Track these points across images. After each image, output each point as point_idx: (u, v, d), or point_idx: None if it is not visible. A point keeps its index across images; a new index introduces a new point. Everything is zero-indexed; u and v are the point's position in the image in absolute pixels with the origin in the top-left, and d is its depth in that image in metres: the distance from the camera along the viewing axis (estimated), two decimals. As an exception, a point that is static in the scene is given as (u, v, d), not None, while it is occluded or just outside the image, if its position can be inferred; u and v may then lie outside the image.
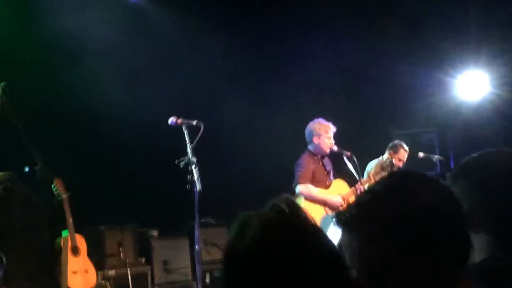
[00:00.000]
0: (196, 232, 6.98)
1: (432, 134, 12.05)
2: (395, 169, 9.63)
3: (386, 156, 9.38)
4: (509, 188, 2.29)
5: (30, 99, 9.59)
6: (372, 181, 8.90)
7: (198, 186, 6.74)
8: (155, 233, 10.76)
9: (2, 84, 7.49)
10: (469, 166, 2.45)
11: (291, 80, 11.81)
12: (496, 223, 2.28)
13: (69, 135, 10.16)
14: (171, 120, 7.11)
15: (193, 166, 6.79)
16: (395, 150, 9.66)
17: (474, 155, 2.51)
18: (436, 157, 9.99)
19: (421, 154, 9.90)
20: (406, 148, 9.75)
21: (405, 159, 9.83)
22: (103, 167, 10.34)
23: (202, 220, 10.60)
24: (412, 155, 10.27)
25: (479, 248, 2.27)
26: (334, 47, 11.55)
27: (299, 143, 8.79)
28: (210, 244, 10.80)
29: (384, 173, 9.45)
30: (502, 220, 2.27)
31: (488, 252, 2.28)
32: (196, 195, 6.78)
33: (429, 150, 10.85)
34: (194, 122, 7.08)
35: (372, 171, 8.96)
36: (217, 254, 10.84)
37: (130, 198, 10.67)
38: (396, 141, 9.83)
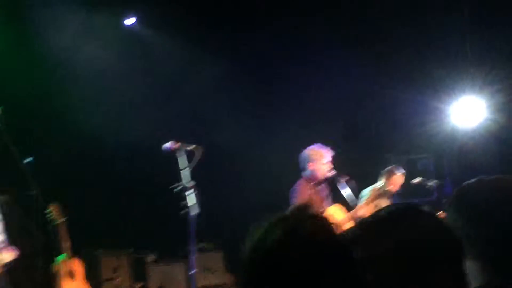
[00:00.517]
0: (192, 258, 6.98)
1: (428, 160, 12.08)
2: (390, 193, 9.67)
3: (381, 182, 9.41)
4: (504, 215, 2.29)
5: (27, 124, 9.62)
6: (369, 207, 8.91)
7: (197, 209, 6.74)
8: (151, 258, 10.74)
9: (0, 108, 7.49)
10: (465, 193, 2.44)
11: (289, 107, 11.86)
12: (492, 250, 2.28)
13: (67, 160, 10.17)
14: (167, 146, 7.12)
15: (190, 191, 6.80)
16: (388, 175, 9.68)
17: (471, 181, 2.51)
18: (431, 183, 10.00)
19: (416, 180, 9.92)
20: (401, 172, 9.76)
21: (400, 184, 9.84)
22: (100, 192, 10.36)
23: (199, 245, 10.63)
24: (408, 180, 10.30)
25: (475, 276, 2.28)
26: (332, 76, 11.60)
27: (296, 170, 8.77)
28: (206, 270, 10.78)
29: (380, 199, 9.48)
30: (498, 247, 2.27)
31: (485, 280, 2.28)
32: (193, 221, 6.79)
33: (425, 175, 10.86)
34: (193, 147, 7.10)
35: (367, 198, 8.98)
36: (213, 279, 10.84)
37: (127, 222, 10.67)
38: (391, 167, 9.85)
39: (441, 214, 2.38)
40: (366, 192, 9.32)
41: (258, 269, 1.75)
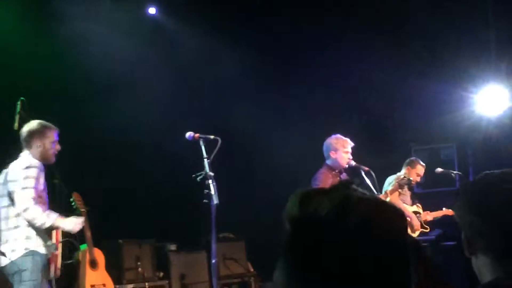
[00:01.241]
0: (213, 246, 7.00)
1: (451, 149, 12.04)
2: (413, 184, 9.65)
3: (403, 172, 9.39)
4: (503, 211, 2.27)
5: (49, 114, 9.66)
6: (389, 197, 8.91)
7: (215, 200, 6.77)
8: (173, 247, 10.76)
9: (22, 99, 7.53)
10: (472, 188, 2.41)
11: (311, 97, 11.84)
12: (502, 245, 2.26)
13: (89, 150, 10.21)
14: (189, 134, 7.16)
15: (210, 181, 6.82)
16: (412, 165, 9.70)
17: (477, 176, 2.48)
18: (454, 172, 9.95)
19: (439, 170, 9.88)
20: (423, 164, 9.81)
21: (422, 174, 9.86)
22: (121, 181, 10.40)
23: (221, 235, 10.66)
24: (431, 170, 10.26)
25: (486, 270, 2.29)
26: (355, 64, 11.55)
27: (318, 159, 8.78)
28: (228, 259, 10.81)
29: (402, 190, 9.47)
30: (508, 242, 2.25)
31: (496, 274, 2.27)
32: (213, 209, 6.81)
33: (448, 165, 10.84)
34: (211, 137, 7.12)
35: (389, 188, 9.00)
36: (235, 269, 10.85)
37: (149, 212, 10.71)
38: (413, 158, 9.85)
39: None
40: (391, 180, 9.33)
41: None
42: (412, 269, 1.72)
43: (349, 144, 8.52)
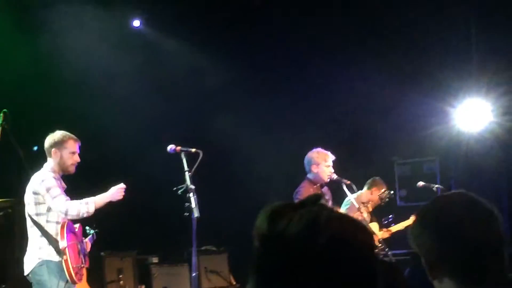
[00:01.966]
0: (194, 259, 7.02)
1: (433, 163, 12.09)
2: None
3: (365, 191, 9.38)
4: (469, 231, 2.32)
5: (31, 123, 9.67)
6: (370, 209, 8.96)
7: (196, 213, 6.78)
8: (155, 260, 10.77)
9: (5, 111, 7.53)
10: (429, 212, 2.45)
11: (295, 110, 11.88)
12: (462, 267, 2.31)
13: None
14: (170, 147, 7.17)
15: (191, 194, 6.83)
16: (378, 187, 9.66)
17: (433, 200, 2.53)
18: (436, 186, 9.99)
19: (420, 183, 9.91)
20: (383, 190, 9.81)
21: (376, 202, 9.84)
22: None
23: (203, 248, 10.67)
24: (413, 184, 10.30)
25: None
26: (338, 77, 11.61)
27: (301, 172, 8.82)
28: (210, 271, 10.81)
29: (383, 203, 9.50)
30: (468, 264, 2.31)
31: None
32: (194, 223, 6.83)
33: (430, 178, 10.89)
34: (193, 150, 7.14)
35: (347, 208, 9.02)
36: (217, 281, 10.85)
37: (131, 225, 10.70)
38: (377, 178, 9.84)
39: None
40: (347, 200, 9.22)
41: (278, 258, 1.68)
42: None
43: (331, 157, 8.55)
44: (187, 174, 6.95)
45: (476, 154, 11.33)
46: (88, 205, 6.81)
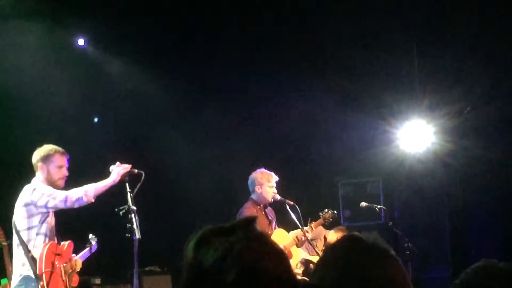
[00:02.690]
0: (135, 281, 6.95)
1: (377, 184, 12.17)
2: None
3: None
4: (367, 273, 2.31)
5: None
6: (314, 230, 8.98)
7: (138, 235, 6.72)
8: (97, 281, 10.63)
9: None
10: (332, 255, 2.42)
11: (240, 130, 11.89)
12: None
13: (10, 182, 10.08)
14: (112, 168, 7.11)
15: (133, 215, 6.77)
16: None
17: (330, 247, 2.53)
18: (378, 207, 10.07)
19: (363, 204, 9.97)
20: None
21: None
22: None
23: (147, 268, 10.59)
24: (356, 204, 10.36)
25: None
26: (283, 99, 11.67)
27: (244, 192, 8.83)
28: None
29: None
30: None
31: None
32: (135, 244, 6.77)
33: (374, 199, 10.96)
34: (136, 171, 7.09)
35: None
36: (160, 303, 10.78)
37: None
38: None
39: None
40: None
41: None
42: None
43: (274, 178, 8.57)
44: (129, 195, 6.89)
45: (419, 174, 11.48)
46: (87, 190, 6.77)
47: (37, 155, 6.98)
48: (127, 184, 6.95)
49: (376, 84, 11.12)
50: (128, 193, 6.88)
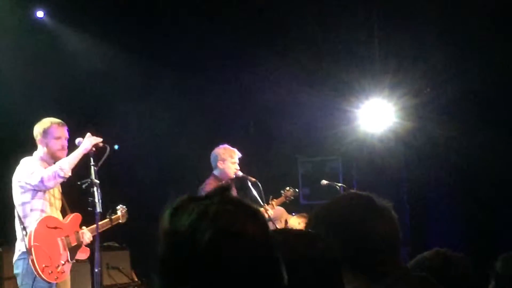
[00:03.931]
0: (97, 255, 6.90)
1: (336, 163, 12.21)
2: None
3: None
4: (366, 230, 2.45)
5: None
6: (275, 207, 8.99)
7: (99, 209, 6.68)
8: (55, 256, 10.54)
9: None
10: (320, 216, 2.56)
11: (197, 108, 11.84)
12: (362, 265, 2.44)
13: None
14: (78, 140, 7.06)
15: (95, 188, 6.72)
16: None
17: (332, 201, 2.67)
18: (339, 185, 10.10)
19: (324, 182, 10.00)
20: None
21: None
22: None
23: (105, 244, 10.50)
24: (316, 182, 10.39)
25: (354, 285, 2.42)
26: (242, 76, 11.63)
27: (204, 168, 8.81)
28: (112, 268, 10.66)
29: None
30: (366, 261, 2.43)
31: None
32: (97, 218, 6.74)
33: (333, 178, 10.97)
34: (100, 144, 7.03)
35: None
36: (119, 278, 10.71)
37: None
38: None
39: None
40: None
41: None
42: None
43: (237, 154, 8.60)
44: (92, 168, 6.84)
45: (378, 154, 11.52)
46: (61, 164, 6.71)
47: (36, 129, 7.01)
48: (91, 158, 6.90)
49: (337, 62, 11.13)
50: (92, 167, 6.85)
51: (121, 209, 7.79)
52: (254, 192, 8.54)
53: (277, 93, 11.44)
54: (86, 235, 7.17)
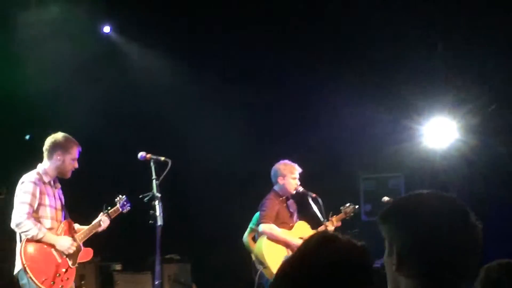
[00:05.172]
0: (157, 268, 7.00)
1: (399, 180, 12.15)
2: None
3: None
4: (437, 231, 2.28)
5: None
6: (335, 223, 8.94)
7: (160, 222, 6.77)
8: (118, 267, 10.70)
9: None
10: (399, 208, 2.40)
11: (264, 121, 11.91)
12: (427, 266, 2.27)
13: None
14: (141, 154, 7.16)
15: (157, 202, 6.82)
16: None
17: (401, 197, 2.50)
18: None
19: (386, 198, 9.93)
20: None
21: None
22: (68, 199, 10.31)
23: (167, 256, 10.63)
24: (378, 199, 10.35)
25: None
26: (307, 92, 11.66)
27: (265, 183, 8.83)
28: (173, 281, 10.77)
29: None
30: (433, 263, 2.26)
31: None
32: (158, 231, 6.82)
33: (395, 194, 10.90)
34: (162, 158, 7.13)
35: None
36: (180, 291, 10.84)
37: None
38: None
39: None
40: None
41: None
42: None
43: (297, 170, 8.57)
44: (154, 182, 6.95)
45: (442, 171, 11.42)
46: (39, 231, 6.67)
47: (55, 143, 7.00)
48: (153, 171, 7.00)
49: (401, 80, 11.08)
50: (154, 180, 6.94)
51: (119, 200, 7.70)
52: (315, 208, 8.53)
53: (341, 109, 11.44)
54: (79, 237, 7.18)
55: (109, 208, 7.54)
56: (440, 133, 11.36)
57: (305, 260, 1.93)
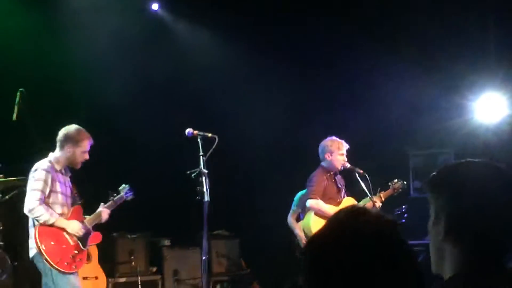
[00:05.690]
0: (204, 243, 7.04)
1: (448, 156, 12.03)
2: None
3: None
4: (485, 201, 2.25)
5: (48, 105, 9.73)
6: (383, 199, 8.91)
7: (207, 198, 6.82)
8: (167, 242, 10.80)
9: (22, 90, 7.57)
10: (448, 176, 2.37)
11: (311, 97, 11.89)
12: (475, 236, 2.25)
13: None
14: (188, 131, 7.19)
15: (204, 178, 6.87)
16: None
17: (451, 165, 2.46)
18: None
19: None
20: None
21: None
22: (117, 175, 10.42)
23: (215, 232, 10.70)
24: (427, 176, 10.25)
25: (455, 262, 2.29)
26: (356, 69, 11.61)
27: (313, 159, 8.83)
28: (221, 256, 10.84)
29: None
30: (479, 234, 2.25)
31: (461, 267, 2.27)
32: (205, 207, 6.87)
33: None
34: (209, 135, 7.17)
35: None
36: (228, 266, 10.90)
37: (144, 206, 10.72)
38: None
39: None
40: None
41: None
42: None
43: (344, 146, 8.59)
44: (201, 158, 6.99)
45: (493, 146, 11.28)
46: (51, 216, 6.81)
47: (66, 135, 7.11)
48: (200, 147, 7.04)
49: (451, 56, 10.95)
50: (201, 157, 6.99)
51: (123, 189, 7.87)
52: (362, 185, 8.51)
53: (390, 86, 11.36)
54: (89, 221, 7.33)
55: (114, 195, 7.75)
56: (490, 108, 11.23)
57: (333, 231, 1.91)
